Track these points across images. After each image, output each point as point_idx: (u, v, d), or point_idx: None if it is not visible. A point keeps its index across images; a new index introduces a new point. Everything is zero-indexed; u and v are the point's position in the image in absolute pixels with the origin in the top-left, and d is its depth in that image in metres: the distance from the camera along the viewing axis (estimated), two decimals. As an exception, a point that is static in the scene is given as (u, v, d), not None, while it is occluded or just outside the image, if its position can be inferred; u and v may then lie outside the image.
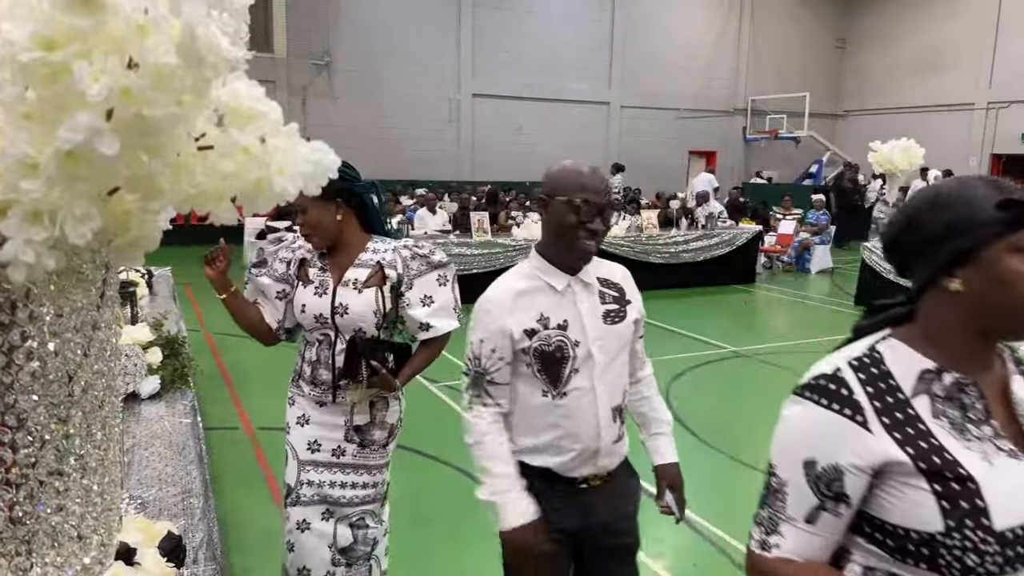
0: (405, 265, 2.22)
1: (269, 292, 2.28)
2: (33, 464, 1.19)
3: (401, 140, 16.44)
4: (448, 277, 2.29)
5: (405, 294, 2.21)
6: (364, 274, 2.19)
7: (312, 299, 2.19)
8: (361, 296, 2.16)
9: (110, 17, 0.88)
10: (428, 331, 2.24)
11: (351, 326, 2.17)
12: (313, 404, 2.25)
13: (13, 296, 1.11)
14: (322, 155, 1.16)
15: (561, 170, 1.82)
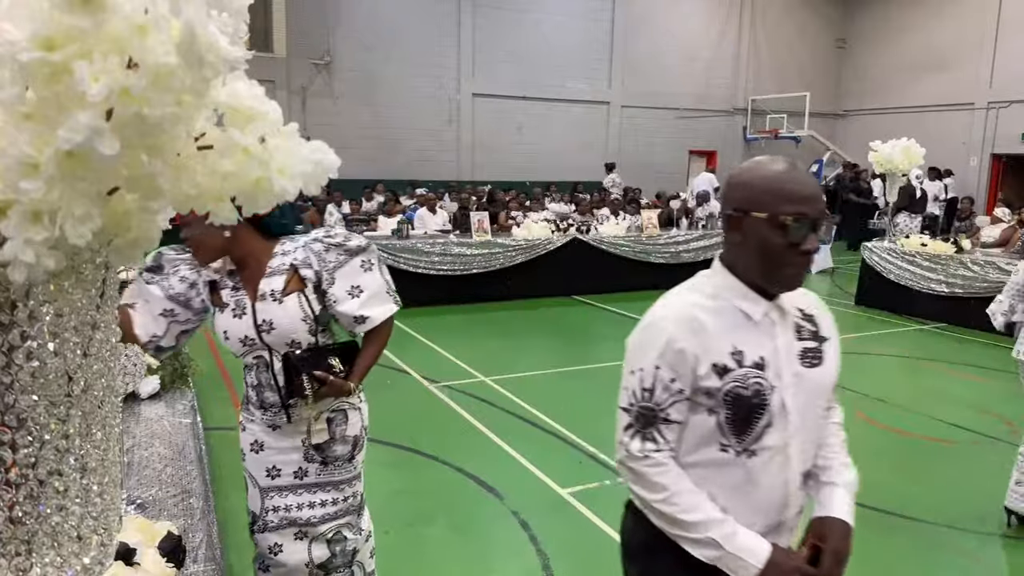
0: (320, 260, 2.01)
1: (154, 305, 2.02)
2: (33, 464, 1.19)
3: (401, 140, 16.44)
4: (372, 261, 2.08)
5: (328, 291, 2.01)
6: (280, 282, 1.98)
7: (232, 323, 2.00)
8: (283, 306, 1.97)
9: (110, 17, 0.88)
10: (365, 323, 2.05)
11: (282, 341, 1.99)
12: (266, 428, 2.09)
13: (13, 296, 1.11)
14: (322, 155, 1.15)
15: (757, 175, 1.44)
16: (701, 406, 1.42)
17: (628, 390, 1.50)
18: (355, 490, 2.20)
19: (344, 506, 2.17)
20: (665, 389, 1.43)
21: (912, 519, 3.70)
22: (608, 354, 6.82)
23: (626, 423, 1.52)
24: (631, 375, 1.50)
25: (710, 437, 1.43)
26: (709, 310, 1.47)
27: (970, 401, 5.47)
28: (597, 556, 3.32)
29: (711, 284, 1.55)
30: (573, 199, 14.27)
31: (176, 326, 2.05)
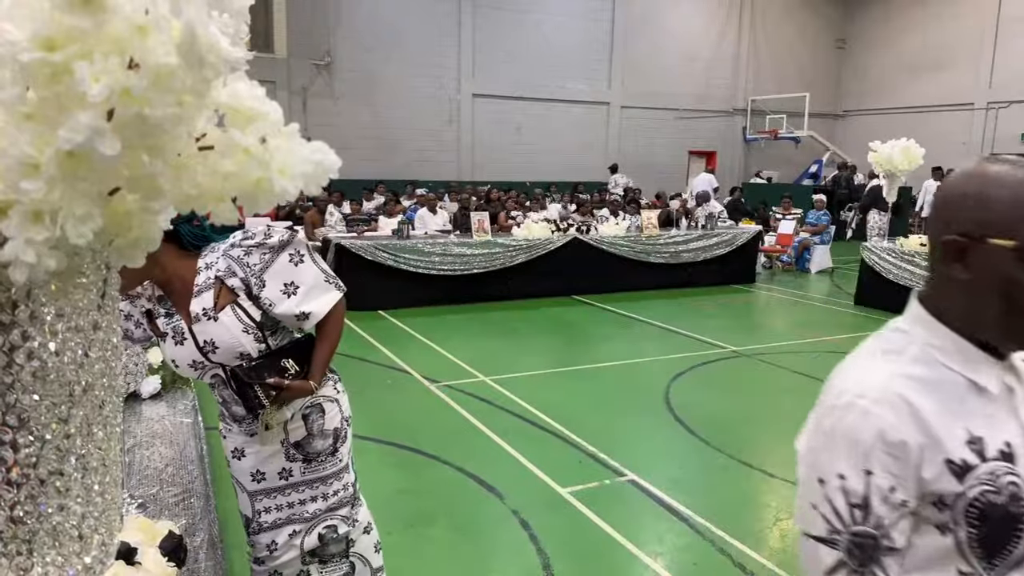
0: (243, 265, 1.88)
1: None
2: (34, 464, 1.19)
3: (401, 140, 16.45)
4: (301, 252, 1.93)
5: (261, 295, 1.88)
6: (209, 298, 1.87)
7: (176, 351, 1.92)
8: (220, 323, 1.87)
9: (111, 17, 0.88)
10: (308, 319, 1.94)
11: (230, 357, 1.90)
12: (245, 436, 2.07)
13: (14, 296, 1.11)
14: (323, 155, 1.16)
15: (1000, 185, 0.98)
16: (928, 522, 1.01)
17: (823, 509, 1.02)
18: (344, 482, 2.15)
19: (335, 500, 2.14)
20: (883, 502, 0.99)
21: (912, 519, 3.71)
22: (608, 354, 6.82)
23: (832, 563, 1.01)
24: (818, 487, 1.03)
25: (945, 560, 1.01)
26: (922, 382, 1.03)
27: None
28: (597, 555, 3.32)
29: (915, 343, 1.12)
30: (573, 199, 14.29)
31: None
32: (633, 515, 3.71)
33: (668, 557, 3.31)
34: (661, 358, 6.60)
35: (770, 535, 3.52)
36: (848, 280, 10.50)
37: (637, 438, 4.72)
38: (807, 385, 5.95)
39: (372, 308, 7.99)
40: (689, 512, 3.69)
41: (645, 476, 4.09)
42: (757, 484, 4.09)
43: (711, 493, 3.98)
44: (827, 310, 9.19)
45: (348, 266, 8.05)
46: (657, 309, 8.74)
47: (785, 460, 4.43)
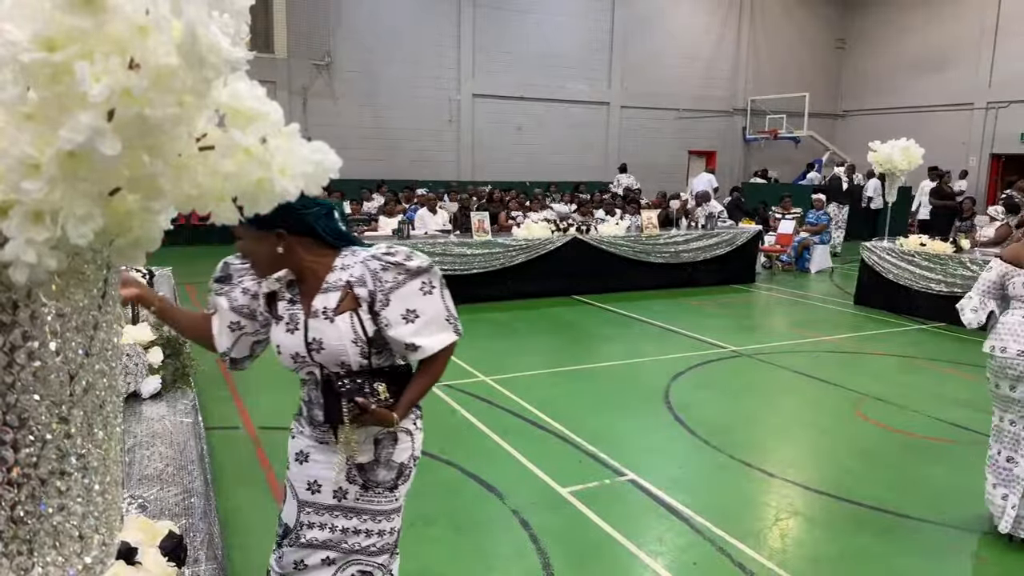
0: (376, 279, 1.87)
1: (223, 316, 2.00)
2: (35, 464, 1.19)
3: (401, 140, 16.45)
4: (433, 283, 1.92)
5: (382, 313, 1.86)
6: (333, 299, 1.87)
7: (285, 338, 1.92)
8: (333, 326, 1.86)
9: (111, 18, 0.89)
10: (416, 352, 1.91)
11: (332, 361, 1.88)
12: (314, 442, 2.01)
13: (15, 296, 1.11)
14: (323, 155, 1.16)
15: None
16: None
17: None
18: (393, 525, 2.05)
19: (380, 542, 2.02)
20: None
21: (912, 519, 3.70)
22: (608, 354, 6.82)
23: None
24: None
25: None
26: None
27: (970, 401, 5.47)
28: (597, 555, 3.33)
29: None
30: (573, 199, 14.29)
31: (246, 338, 2.01)
32: (633, 515, 3.72)
33: (668, 557, 3.31)
34: (661, 358, 6.60)
35: (770, 535, 3.52)
36: (848, 280, 10.50)
37: (637, 438, 4.72)
38: (807, 385, 5.95)
39: (372, 308, 7.98)
40: (689, 512, 3.69)
41: (645, 476, 4.09)
42: (757, 484, 4.09)
43: (711, 493, 3.98)
44: (827, 310, 9.20)
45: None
46: (657, 309, 8.74)
47: (785, 460, 4.43)
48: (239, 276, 1.98)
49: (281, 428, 4.49)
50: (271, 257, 1.84)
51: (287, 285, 1.94)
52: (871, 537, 3.52)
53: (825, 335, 7.66)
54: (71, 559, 1.26)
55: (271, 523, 3.49)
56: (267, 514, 3.59)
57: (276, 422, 4.68)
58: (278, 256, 1.84)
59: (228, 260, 1.99)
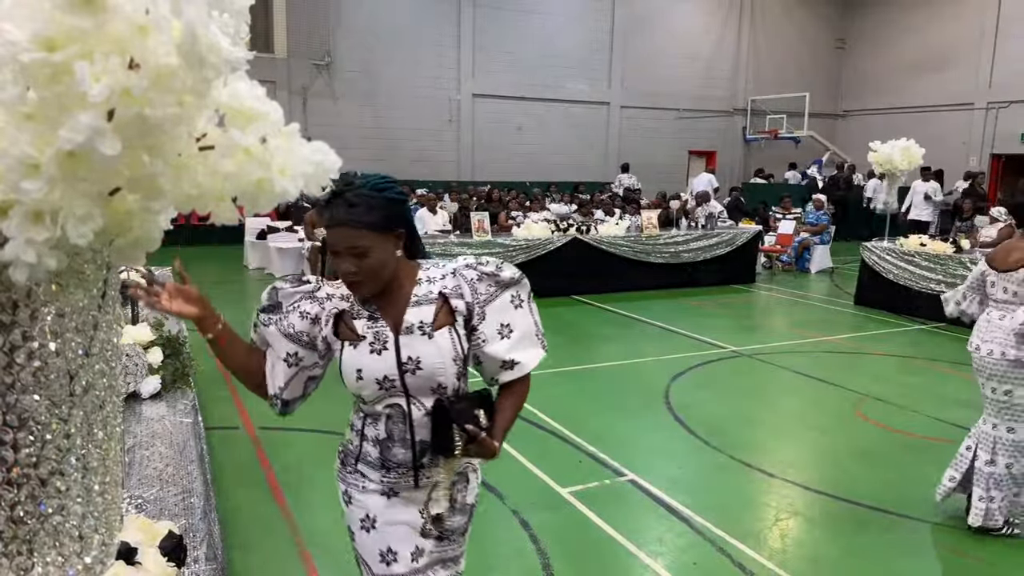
0: (473, 290, 1.70)
1: (277, 349, 1.72)
2: (34, 464, 1.19)
3: (401, 140, 16.45)
4: (523, 296, 1.76)
5: (479, 328, 1.70)
6: (429, 313, 1.67)
7: (370, 360, 1.64)
8: (433, 342, 1.65)
9: (111, 18, 0.88)
10: (513, 369, 1.73)
11: (427, 385, 1.66)
12: (380, 496, 1.74)
13: (15, 296, 1.11)
14: (323, 155, 1.16)
15: None
16: None
17: None
18: (459, 569, 1.87)
19: None
20: None
21: (912, 519, 3.70)
22: (608, 354, 6.82)
23: None
24: None
25: None
26: None
27: (970, 401, 5.47)
28: (597, 555, 3.32)
29: None
30: (574, 199, 14.29)
31: (303, 373, 1.74)
32: (633, 515, 3.71)
33: (668, 557, 3.31)
34: (661, 358, 6.60)
35: (770, 535, 3.52)
36: (848, 280, 10.50)
37: (637, 438, 4.72)
38: (807, 385, 5.95)
39: (372, 308, 7.98)
40: (689, 512, 3.69)
41: (645, 476, 4.09)
42: (757, 484, 4.09)
43: (711, 493, 3.98)
44: (827, 310, 9.19)
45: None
46: (657, 309, 8.73)
47: (785, 460, 4.43)
48: (292, 301, 1.71)
49: (281, 428, 4.50)
50: (393, 266, 1.64)
51: (360, 301, 1.69)
52: (871, 537, 3.52)
53: (825, 335, 7.66)
54: (71, 559, 1.26)
55: (271, 523, 3.50)
56: (267, 513, 3.59)
57: (276, 422, 4.67)
58: (395, 263, 1.65)
59: (276, 285, 1.74)
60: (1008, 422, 3.40)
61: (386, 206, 1.58)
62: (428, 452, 1.68)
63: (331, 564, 3.17)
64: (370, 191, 1.57)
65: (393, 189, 1.61)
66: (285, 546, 3.30)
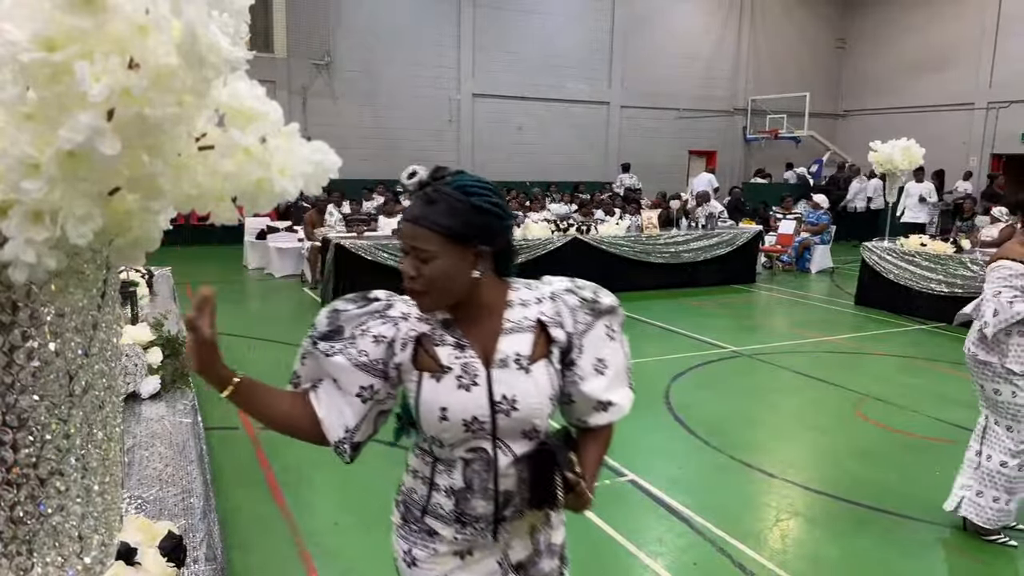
0: (573, 319, 1.48)
1: (345, 382, 1.44)
2: (34, 464, 1.19)
3: (401, 140, 16.44)
4: (616, 328, 1.54)
5: (577, 362, 1.48)
6: (525, 343, 1.43)
7: (456, 396, 1.39)
8: (531, 378, 1.42)
9: (111, 17, 0.88)
10: (608, 411, 1.52)
11: (520, 428, 1.42)
12: (453, 558, 1.50)
13: (14, 296, 1.11)
14: (323, 155, 1.16)
15: None
16: None
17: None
18: None
19: None
20: None
21: (912, 519, 3.70)
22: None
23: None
24: None
25: None
26: None
27: (970, 401, 5.46)
28: (597, 555, 3.32)
29: None
30: (574, 199, 14.29)
31: (376, 408, 1.47)
32: (633, 515, 3.71)
33: (668, 557, 3.31)
34: (661, 358, 6.60)
35: (770, 535, 3.52)
36: (848, 280, 10.50)
37: (637, 438, 4.72)
38: (807, 385, 5.95)
39: (372, 308, 7.98)
40: (689, 512, 3.69)
41: (645, 476, 4.09)
42: (757, 484, 4.09)
43: (711, 493, 3.98)
44: (827, 310, 9.19)
45: (348, 266, 8.05)
46: (657, 309, 8.73)
47: (785, 460, 4.43)
48: (359, 324, 1.44)
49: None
50: (464, 285, 1.39)
51: (442, 324, 1.44)
52: (871, 538, 3.51)
53: (825, 335, 7.66)
54: (70, 559, 1.26)
55: (270, 523, 3.50)
56: (267, 514, 3.59)
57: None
58: (470, 284, 1.40)
59: (337, 307, 1.46)
60: (1007, 420, 3.38)
61: (469, 214, 1.36)
62: (512, 504, 1.45)
63: (330, 564, 3.17)
64: (454, 191, 1.38)
65: (485, 196, 1.40)
66: (284, 546, 3.30)
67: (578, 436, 1.53)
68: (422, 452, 1.51)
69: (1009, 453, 3.36)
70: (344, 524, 3.52)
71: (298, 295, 9.29)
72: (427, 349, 1.42)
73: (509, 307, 1.46)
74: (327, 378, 1.46)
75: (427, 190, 1.38)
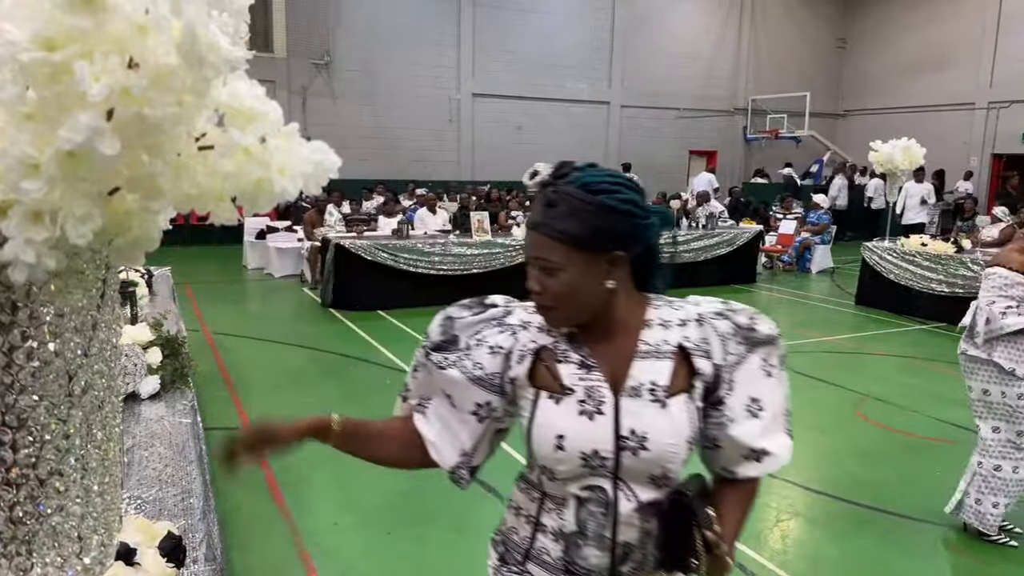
0: (724, 348, 1.26)
1: (459, 399, 1.28)
2: (33, 464, 1.19)
3: (401, 140, 16.45)
4: (774, 362, 1.30)
5: (727, 401, 1.25)
6: (664, 371, 1.22)
7: (577, 424, 1.20)
8: (667, 414, 1.20)
9: (111, 17, 0.88)
10: (761, 462, 1.29)
11: (648, 470, 1.21)
12: None
13: (14, 296, 1.11)
14: (323, 155, 1.16)
15: None
16: None
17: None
18: None
19: None
20: None
21: (913, 519, 3.70)
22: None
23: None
24: None
25: None
26: None
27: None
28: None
29: None
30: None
31: (493, 426, 1.30)
32: (633, 515, 3.71)
33: (668, 557, 3.30)
34: (661, 358, 6.59)
35: (770, 535, 3.51)
36: (849, 280, 10.50)
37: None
38: (807, 385, 5.94)
39: (371, 308, 7.98)
40: (689, 512, 3.68)
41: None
42: (757, 484, 4.09)
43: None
44: (828, 310, 9.19)
45: (348, 266, 8.05)
46: (657, 309, 8.73)
47: (785, 460, 4.43)
48: (474, 332, 1.28)
49: (281, 428, 4.48)
50: (598, 298, 1.21)
51: (567, 338, 1.26)
52: (871, 538, 3.51)
53: (826, 335, 7.66)
54: (70, 560, 1.26)
55: (270, 523, 3.50)
56: (266, 514, 3.59)
57: (276, 422, 4.68)
58: (602, 295, 1.21)
59: (450, 313, 1.31)
60: (995, 420, 3.38)
61: (596, 215, 1.16)
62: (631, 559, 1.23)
63: (330, 564, 3.17)
64: (577, 190, 1.18)
65: (617, 193, 1.19)
66: (284, 546, 3.30)
67: (716, 487, 1.32)
68: (528, 485, 1.31)
69: (1001, 456, 3.37)
70: (344, 524, 3.52)
71: (298, 295, 9.29)
72: (547, 364, 1.24)
73: (647, 327, 1.25)
74: (438, 394, 1.31)
75: (548, 191, 1.20)
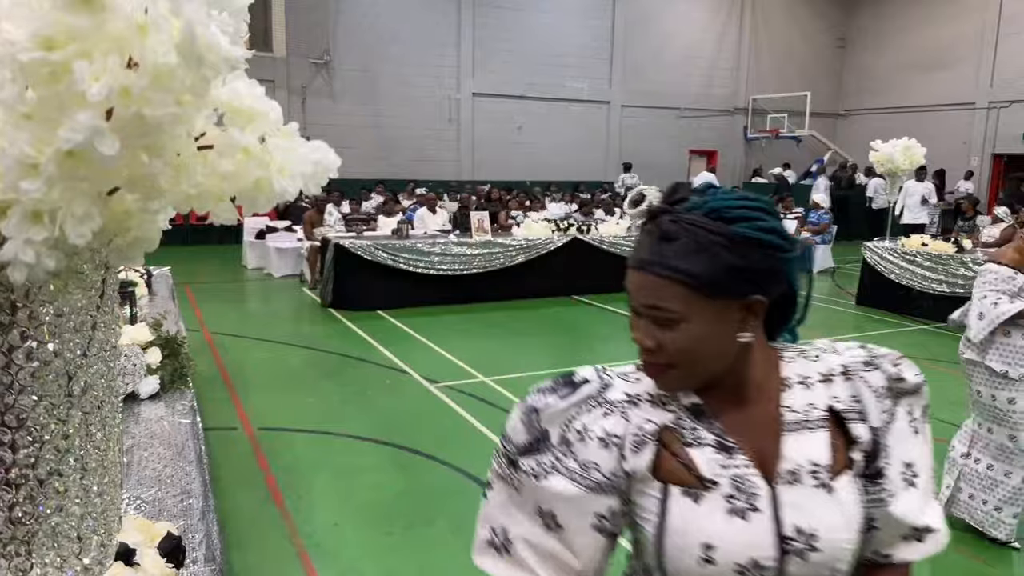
0: (879, 407, 1.01)
1: (568, 514, 0.97)
2: (33, 464, 1.19)
3: (401, 140, 16.45)
4: (918, 415, 1.05)
5: (886, 471, 1.00)
6: (822, 445, 0.97)
7: (727, 528, 0.92)
8: (835, 500, 0.95)
9: (110, 17, 0.88)
10: (924, 542, 1.02)
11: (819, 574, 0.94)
12: None
13: (13, 296, 1.11)
14: (322, 155, 1.15)
15: None
16: None
17: None
18: None
19: None
20: None
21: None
22: (608, 354, 6.82)
23: None
24: None
25: None
26: None
27: (970, 401, 5.47)
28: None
29: None
30: (574, 199, 14.29)
31: (611, 541, 1.00)
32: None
33: (668, 557, 3.30)
34: (661, 358, 6.59)
35: (770, 535, 3.51)
36: (849, 280, 10.50)
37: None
38: (807, 385, 5.94)
39: (371, 308, 7.98)
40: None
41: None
42: (757, 484, 4.08)
43: None
44: (828, 310, 9.19)
45: (347, 266, 8.05)
46: (657, 309, 8.72)
47: (785, 460, 4.43)
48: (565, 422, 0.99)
49: (280, 429, 4.50)
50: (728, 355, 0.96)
51: (690, 411, 0.98)
52: (871, 538, 3.51)
53: (826, 335, 7.65)
54: (69, 560, 1.26)
55: (269, 524, 3.50)
56: (266, 514, 3.59)
57: (275, 423, 4.68)
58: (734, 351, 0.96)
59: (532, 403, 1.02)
60: (988, 423, 3.39)
61: (735, 250, 0.91)
62: None
63: (330, 564, 3.17)
64: (703, 217, 0.91)
65: (757, 222, 0.92)
66: (284, 546, 3.30)
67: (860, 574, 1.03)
68: None
69: (993, 456, 3.38)
70: (343, 524, 3.52)
71: (297, 295, 9.29)
72: (674, 451, 0.96)
73: (786, 387, 0.99)
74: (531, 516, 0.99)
75: (664, 220, 0.93)
